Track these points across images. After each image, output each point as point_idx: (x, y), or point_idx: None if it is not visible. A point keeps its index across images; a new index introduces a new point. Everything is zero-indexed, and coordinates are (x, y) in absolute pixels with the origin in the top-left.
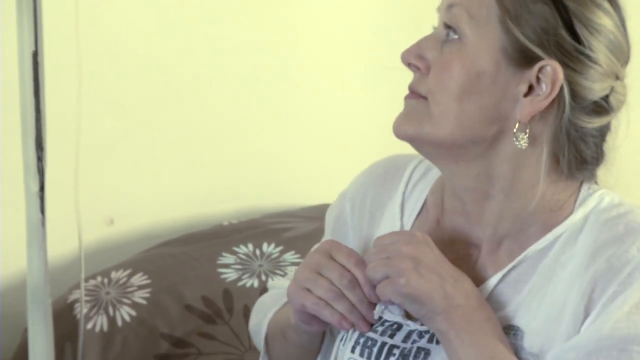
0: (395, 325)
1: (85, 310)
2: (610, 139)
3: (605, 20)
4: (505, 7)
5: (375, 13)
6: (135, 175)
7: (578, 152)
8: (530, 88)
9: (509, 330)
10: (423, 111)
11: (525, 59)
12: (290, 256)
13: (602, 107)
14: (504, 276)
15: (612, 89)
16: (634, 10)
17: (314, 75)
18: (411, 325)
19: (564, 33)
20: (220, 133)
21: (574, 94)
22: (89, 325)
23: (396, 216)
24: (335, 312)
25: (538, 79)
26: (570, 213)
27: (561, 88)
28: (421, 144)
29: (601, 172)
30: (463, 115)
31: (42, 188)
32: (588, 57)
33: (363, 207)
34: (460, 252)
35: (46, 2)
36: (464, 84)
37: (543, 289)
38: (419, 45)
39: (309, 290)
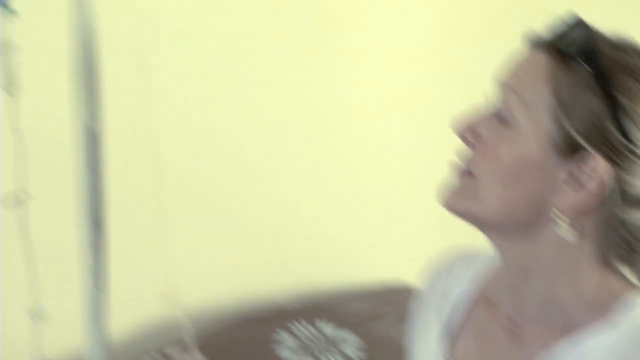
0: None
1: None
2: None
3: None
4: (557, 97)
5: (437, 59)
6: (191, 251)
7: (627, 245)
8: (570, 176)
9: None
10: (471, 190)
11: (570, 148)
12: (346, 335)
13: None
14: None
15: None
16: None
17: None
18: None
19: (610, 127)
20: (280, 212)
21: (620, 191)
22: None
23: (439, 312)
24: None
25: (578, 167)
26: (609, 325)
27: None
28: (467, 220)
29: None
30: (507, 200)
31: (99, 264)
32: (634, 153)
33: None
34: (512, 330)
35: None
36: (512, 169)
37: None
38: (472, 119)
39: None
